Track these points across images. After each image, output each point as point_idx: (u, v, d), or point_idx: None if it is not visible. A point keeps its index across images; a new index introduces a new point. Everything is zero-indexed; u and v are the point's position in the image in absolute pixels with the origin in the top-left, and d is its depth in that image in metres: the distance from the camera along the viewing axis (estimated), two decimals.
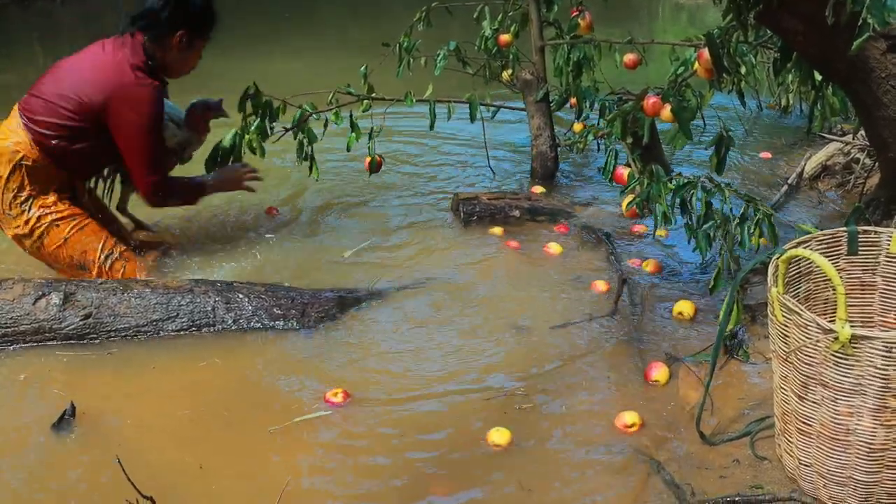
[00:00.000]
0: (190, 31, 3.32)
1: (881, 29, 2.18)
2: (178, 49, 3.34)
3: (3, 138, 3.23)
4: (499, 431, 2.41)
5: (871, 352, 1.83)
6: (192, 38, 3.36)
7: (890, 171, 3.14)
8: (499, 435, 2.40)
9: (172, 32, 3.29)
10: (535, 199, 4.07)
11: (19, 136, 3.22)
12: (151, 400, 2.69)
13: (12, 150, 3.20)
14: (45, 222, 3.28)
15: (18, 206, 3.25)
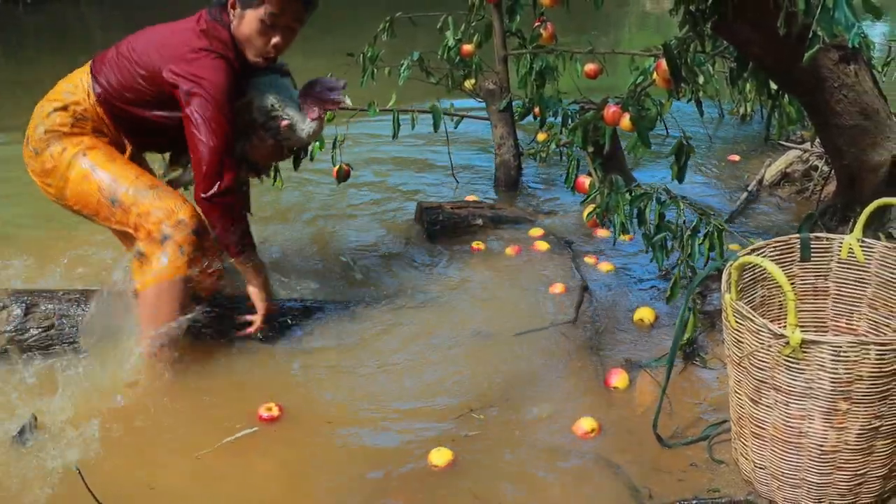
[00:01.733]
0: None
1: (830, 41, 2.22)
2: (237, 20, 2.83)
3: (67, 80, 2.96)
4: (439, 452, 2.39)
5: (820, 356, 1.87)
6: (245, 6, 2.81)
7: (845, 178, 3.19)
8: (438, 456, 2.38)
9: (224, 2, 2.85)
10: (498, 208, 4.11)
11: (80, 77, 2.92)
12: (112, 412, 2.67)
13: (68, 97, 2.90)
14: (69, 156, 2.87)
15: (51, 140, 2.87)
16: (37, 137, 2.89)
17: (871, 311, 2.38)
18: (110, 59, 2.89)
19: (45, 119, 2.88)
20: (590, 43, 4.23)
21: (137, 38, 2.90)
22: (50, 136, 2.87)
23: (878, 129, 2.91)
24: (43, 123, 2.88)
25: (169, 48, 2.80)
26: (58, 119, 2.87)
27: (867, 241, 2.33)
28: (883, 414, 1.93)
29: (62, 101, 2.89)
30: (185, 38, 2.80)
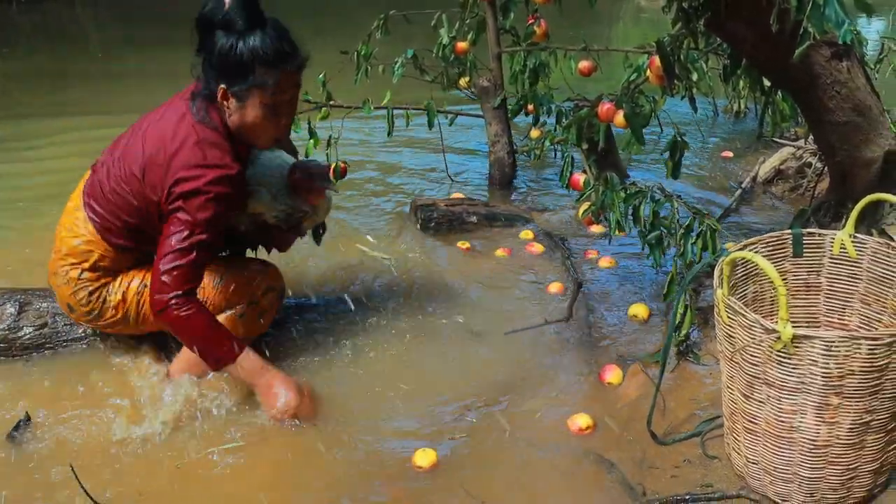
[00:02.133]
0: (228, 84, 2.48)
1: (821, 37, 2.23)
2: (230, 111, 2.53)
3: (72, 234, 2.68)
4: (424, 452, 2.38)
5: (812, 351, 1.87)
6: (238, 94, 2.49)
7: (838, 174, 3.20)
8: (423, 456, 2.38)
9: (215, 84, 2.50)
10: (493, 205, 4.11)
11: (88, 230, 2.66)
12: (109, 411, 2.66)
13: (84, 251, 2.67)
14: (132, 293, 2.71)
15: (97, 299, 2.70)
16: (84, 302, 2.70)
17: (863, 306, 2.39)
18: (97, 189, 2.65)
19: (77, 282, 2.68)
20: (583, 40, 4.23)
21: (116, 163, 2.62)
22: (97, 293, 2.70)
23: (870, 125, 2.91)
24: (83, 288, 2.69)
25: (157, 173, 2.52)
26: (88, 276, 2.68)
27: (859, 236, 2.34)
28: (874, 408, 1.94)
29: (82, 258, 2.67)
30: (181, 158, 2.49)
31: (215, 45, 2.43)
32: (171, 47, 3.32)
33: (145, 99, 3.48)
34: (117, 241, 2.66)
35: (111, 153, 2.68)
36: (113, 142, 2.74)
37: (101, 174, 2.66)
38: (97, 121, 5.97)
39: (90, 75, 8.30)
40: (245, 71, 2.44)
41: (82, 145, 5.26)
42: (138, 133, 2.61)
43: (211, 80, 2.49)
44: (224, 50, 2.42)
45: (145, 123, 2.63)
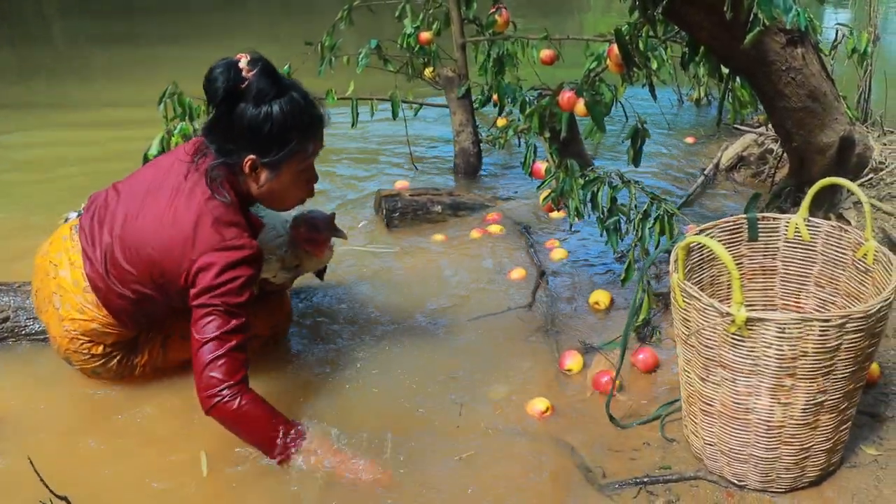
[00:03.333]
0: (259, 154, 2.35)
1: (770, 23, 2.26)
2: (253, 181, 2.41)
3: (85, 316, 2.51)
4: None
5: (765, 333, 1.90)
6: (271, 165, 2.38)
7: (796, 160, 3.24)
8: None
9: (239, 156, 2.36)
10: (457, 194, 4.12)
11: (104, 314, 2.51)
12: (68, 404, 2.68)
13: (102, 333, 2.55)
14: (157, 350, 2.69)
15: (125, 364, 2.65)
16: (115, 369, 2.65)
17: (818, 288, 2.43)
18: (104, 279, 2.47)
19: (104, 357, 2.61)
20: (545, 29, 4.25)
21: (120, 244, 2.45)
22: (125, 359, 2.65)
23: (825, 111, 2.95)
24: (110, 358, 2.62)
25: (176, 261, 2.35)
26: (111, 350, 2.62)
27: (813, 220, 2.37)
28: (827, 389, 1.97)
29: (102, 339, 2.58)
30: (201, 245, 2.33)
31: (242, 116, 2.28)
32: (135, 40, 3.30)
33: (111, 93, 3.46)
34: (130, 322, 2.55)
35: (108, 227, 2.48)
36: (95, 203, 2.58)
37: (101, 254, 2.47)
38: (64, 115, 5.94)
39: (54, 68, 8.24)
40: (282, 141, 2.34)
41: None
42: (139, 210, 2.44)
43: (233, 153, 2.35)
44: (257, 122, 2.29)
45: (147, 199, 2.44)
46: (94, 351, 2.59)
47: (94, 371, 2.65)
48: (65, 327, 2.54)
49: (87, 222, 2.54)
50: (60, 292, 2.54)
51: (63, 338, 2.57)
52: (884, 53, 5.60)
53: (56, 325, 2.57)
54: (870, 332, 1.93)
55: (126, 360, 2.66)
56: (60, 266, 2.55)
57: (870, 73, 4.43)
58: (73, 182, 4.69)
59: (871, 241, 2.20)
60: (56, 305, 2.55)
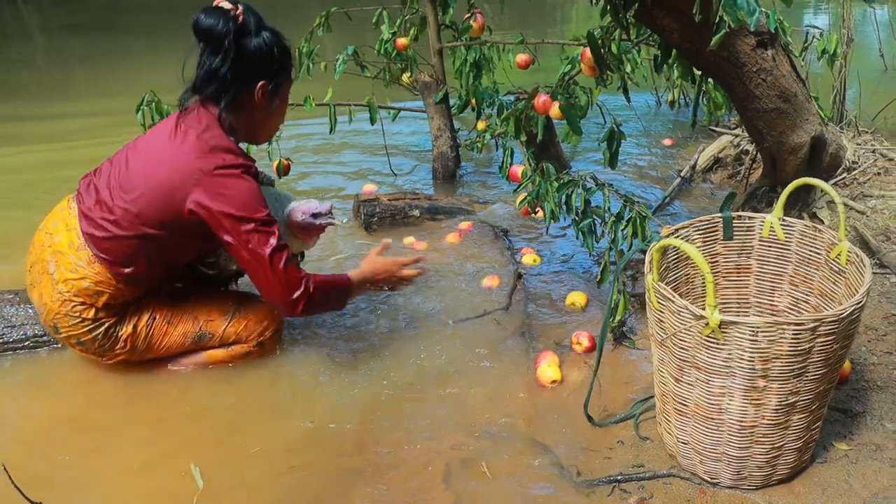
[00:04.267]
0: (269, 78, 2.65)
1: (736, 26, 2.29)
2: (261, 107, 2.68)
3: (77, 275, 2.63)
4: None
5: (739, 336, 1.91)
6: (276, 86, 2.69)
7: (769, 160, 3.27)
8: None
9: (249, 88, 2.63)
10: (435, 199, 4.14)
11: (95, 271, 2.63)
12: (45, 410, 2.69)
13: (94, 291, 2.65)
14: (142, 325, 2.74)
15: (111, 334, 2.71)
16: (100, 338, 2.71)
17: (792, 287, 2.45)
18: (99, 225, 2.61)
19: (94, 322, 2.68)
20: (520, 34, 4.27)
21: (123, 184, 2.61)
22: (112, 329, 2.71)
23: (796, 111, 2.99)
24: (100, 325, 2.69)
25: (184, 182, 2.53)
26: (103, 314, 2.70)
27: (787, 220, 2.40)
28: (799, 390, 1.99)
29: (93, 299, 2.66)
30: (201, 158, 2.53)
31: (250, 47, 2.56)
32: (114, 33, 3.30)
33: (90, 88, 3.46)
34: (128, 270, 2.63)
35: (108, 182, 2.63)
36: (89, 175, 2.74)
37: (104, 205, 2.61)
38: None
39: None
40: (283, 62, 2.68)
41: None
42: (137, 158, 2.63)
43: (244, 85, 2.60)
44: (265, 48, 2.59)
45: (143, 150, 2.65)
46: (86, 315, 2.65)
47: (79, 341, 2.70)
48: (59, 290, 2.64)
49: (84, 187, 2.71)
50: (56, 257, 2.66)
51: (55, 302, 2.65)
52: (860, 54, 5.65)
53: (50, 290, 2.66)
54: (842, 334, 1.95)
55: (112, 331, 2.71)
56: (56, 233, 2.69)
57: (844, 74, 4.47)
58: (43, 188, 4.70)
59: (845, 242, 2.23)
60: (51, 271, 2.66)
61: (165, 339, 2.78)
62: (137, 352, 2.77)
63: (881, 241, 3.13)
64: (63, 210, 2.73)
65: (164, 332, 2.77)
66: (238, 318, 2.83)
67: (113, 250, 2.61)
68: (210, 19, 2.51)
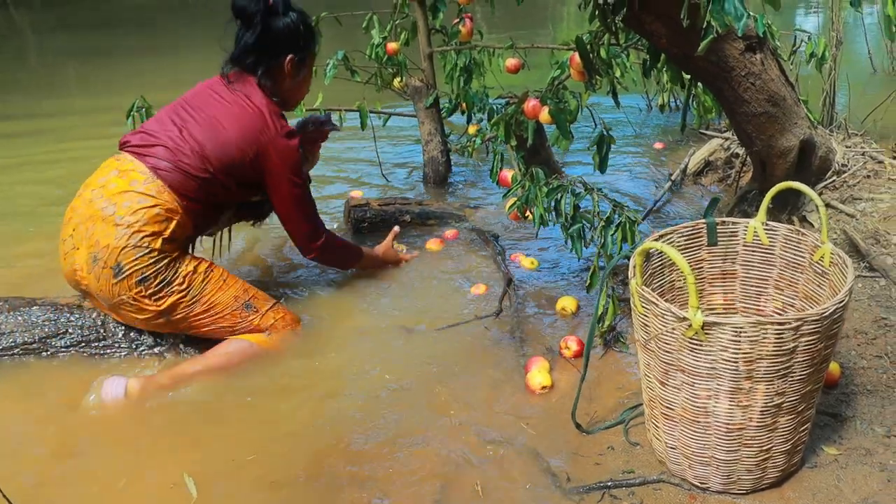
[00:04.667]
0: (296, 52, 3.08)
1: (723, 31, 2.29)
2: (290, 76, 3.11)
3: (152, 203, 2.83)
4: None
5: (722, 337, 1.92)
6: (302, 59, 3.13)
7: (758, 164, 3.28)
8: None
9: (279, 60, 3.06)
10: (426, 204, 4.14)
11: (165, 198, 2.85)
12: (32, 419, 2.68)
13: (164, 217, 2.84)
14: (202, 269, 2.92)
15: (172, 268, 2.85)
16: (163, 270, 2.83)
17: (777, 291, 2.46)
18: (167, 160, 2.88)
19: (159, 254, 2.82)
20: (510, 38, 4.28)
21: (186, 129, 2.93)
22: (173, 264, 2.86)
23: (785, 115, 2.99)
24: (165, 256, 2.84)
25: (251, 136, 2.94)
26: (168, 247, 2.86)
27: (771, 224, 2.40)
28: (785, 391, 1.99)
29: (162, 227, 2.83)
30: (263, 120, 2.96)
31: (280, 25, 3.01)
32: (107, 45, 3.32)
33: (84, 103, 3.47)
34: (195, 195, 2.90)
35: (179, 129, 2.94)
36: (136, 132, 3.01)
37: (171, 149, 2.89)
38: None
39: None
40: (308, 38, 3.13)
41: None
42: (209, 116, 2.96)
43: (274, 58, 3.04)
44: (292, 26, 3.04)
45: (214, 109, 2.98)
46: (153, 245, 2.81)
47: (142, 276, 2.80)
48: (126, 222, 2.79)
49: (138, 139, 2.97)
50: (115, 199, 2.83)
51: (120, 238, 2.79)
52: (849, 56, 5.66)
53: (110, 231, 2.80)
54: (825, 334, 1.95)
55: (174, 265, 2.86)
56: (107, 183, 2.89)
57: (834, 77, 4.48)
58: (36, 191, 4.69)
59: (828, 244, 2.23)
60: (109, 213, 2.82)
61: (218, 294, 2.93)
62: (189, 297, 2.88)
63: (870, 245, 3.13)
64: (108, 167, 2.95)
65: (218, 286, 2.94)
66: (279, 308, 3.06)
67: (179, 181, 2.86)
68: (243, 1, 2.95)
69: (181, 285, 2.86)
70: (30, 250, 3.95)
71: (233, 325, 2.95)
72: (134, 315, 2.88)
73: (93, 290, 2.87)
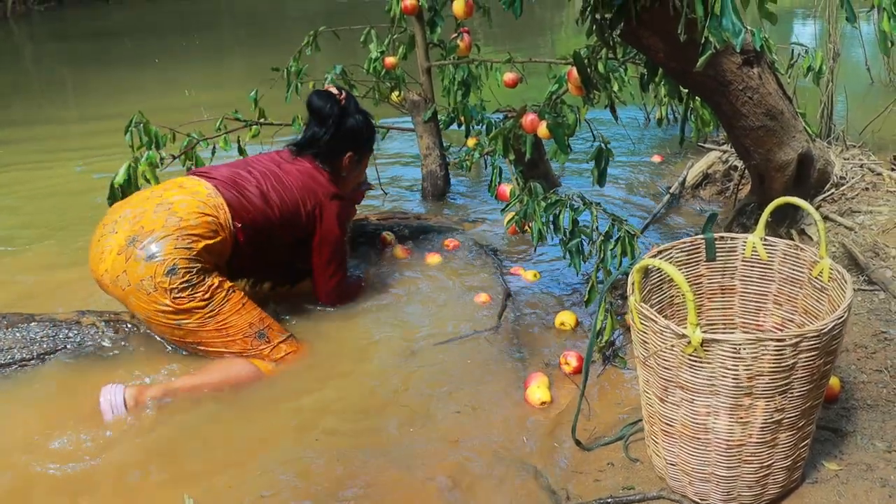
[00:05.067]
0: (356, 151, 3.38)
1: (720, 46, 2.29)
2: (348, 168, 3.39)
3: (210, 212, 2.99)
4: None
5: (721, 354, 1.91)
6: (361, 156, 3.44)
7: (756, 177, 3.28)
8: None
9: (340, 156, 3.34)
10: (425, 218, 4.14)
11: (223, 216, 3.01)
12: (28, 434, 2.66)
13: (214, 229, 2.98)
14: (227, 287, 2.98)
15: (200, 274, 2.91)
16: (194, 272, 2.90)
17: (776, 307, 2.45)
18: (239, 201, 3.06)
19: (197, 255, 2.92)
20: (508, 53, 4.28)
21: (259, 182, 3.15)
22: (202, 273, 2.92)
23: (783, 129, 2.99)
24: (197, 260, 2.92)
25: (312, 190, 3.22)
26: (205, 256, 2.95)
27: (770, 239, 2.40)
28: (784, 407, 1.99)
29: (207, 236, 2.96)
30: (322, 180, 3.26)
31: (348, 126, 3.32)
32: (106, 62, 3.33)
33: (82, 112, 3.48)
34: (247, 224, 3.06)
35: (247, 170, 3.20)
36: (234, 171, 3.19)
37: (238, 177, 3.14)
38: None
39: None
40: (369, 139, 3.47)
41: None
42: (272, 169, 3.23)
43: (336, 153, 3.34)
44: (357, 127, 3.37)
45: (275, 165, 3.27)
46: (195, 245, 2.91)
47: (173, 267, 2.86)
48: (179, 216, 2.93)
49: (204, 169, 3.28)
50: (173, 199, 3.00)
51: (169, 227, 2.91)
52: (846, 68, 5.67)
53: (158, 220, 2.93)
54: (824, 349, 1.95)
55: (203, 275, 2.92)
56: (169, 189, 3.08)
57: (831, 89, 4.49)
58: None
59: (826, 259, 2.23)
60: (164, 208, 2.97)
61: (234, 316, 2.96)
62: (207, 309, 2.91)
63: (869, 258, 3.13)
64: (171, 184, 3.14)
65: (236, 309, 2.97)
66: (292, 341, 3.07)
67: (238, 205, 3.05)
68: (320, 101, 3.29)
69: (204, 294, 2.90)
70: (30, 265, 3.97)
71: (242, 350, 2.96)
72: (146, 306, 2.89)
73: (114, 271, 2.91)
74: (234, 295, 2.98)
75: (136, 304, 2.91)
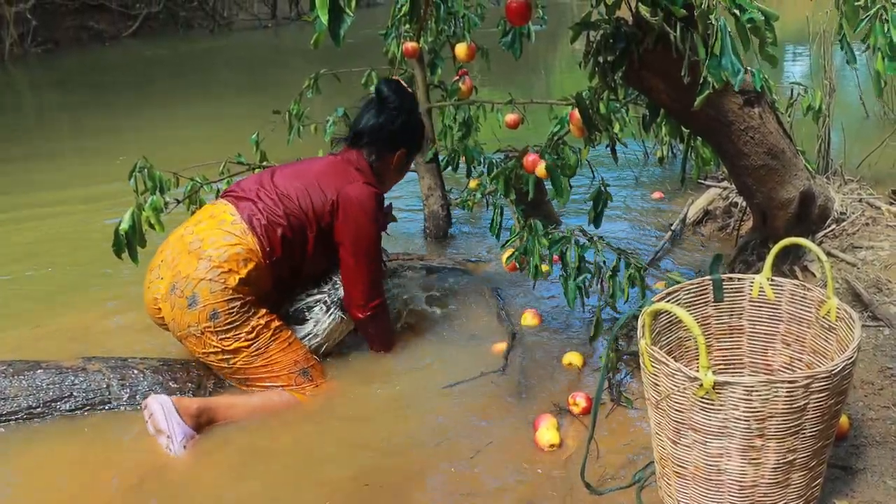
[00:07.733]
0: (409, 149, 3.41)
1: (719, 86, 2.32)
2: (395, 167, 3.40)
3: (234, 242, 3.00)
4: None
5: (733, 396, 1.93)
6: (410, 157, 3.47)
7: (759, 215, 3.30)
8: None
9: (393, 151, 3.34)
10: (428, 259, 4.15)
11: (248, 241, 3.01)
12: (37, 486, 2.67)
13: (244, 258, 2.99)
14: (273, 326, 3.04)
15: (244, 313, 2.98)
16: (234, 312, 2.96)
17: (784, 346, 2.47)
18: (258, 209, 3.08)
19: (234, 292, 2.96)
20: (509, 94, 4.32)
21: (283, 184, 3.16)
22: (246, 308, 2.99)
23: (785, 167, 3.02)
24: (237, 298, 2.97)
25: (331, 183, 3.15)
26: (242, 289, 2.98)
27: (776, 279, 2.42)
28: (796, 447, 2.00)
29: (239, 266, 2.99)
30: (346, 171, 3.21)
31: (407, 119, 3.34)
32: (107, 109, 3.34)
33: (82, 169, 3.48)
34: (275, 242, 3.04)
35: (270, 176, 3.21)
36: (257, 179, 3.23)
37: (260, 191, 3.13)
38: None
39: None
40: (422, 142, 3.57)
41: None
42: (307, 180, 3.16)
43: (389, 148, 3.33)
44: (420, 125, 3.47)
45: (305, 163, 3.33)
46: (229, 282, 2.95)
47: (213, 312, 2.93)
48: (208, 256, 2.97)
49: (233, 188, 3.26)
50: (202, 234, 3.04)
51: (201, 270, 2.95)
52: (841, 101, 5.71)
53: (192, 262, 2.98)
54: (835, 390, 1.97)
55: (246, 309, 2.98)
56: (202, 220, 3.13)
57: (828, 124, 4.52)
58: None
59: (833, 299, 2.25)
60: (194, 247, 3.02)
61: (280, 354, 3.04)
62: (254, 348, 2.99)
63: (873, 294, 3.15)
64: (205, 210, 3.22)
65: (282, 348, 3.04)
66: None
67: (261, 226, 3.03)
68: (394, 90, 3.31)
69: (249, 334, 2.98)
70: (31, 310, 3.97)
71: (286, 385, 3.04)
72: (198, 349, 3.01)
73: (167, 317, 3.04)
74: (281, 334, 3.05)
75: (190, 346, 3.04)
